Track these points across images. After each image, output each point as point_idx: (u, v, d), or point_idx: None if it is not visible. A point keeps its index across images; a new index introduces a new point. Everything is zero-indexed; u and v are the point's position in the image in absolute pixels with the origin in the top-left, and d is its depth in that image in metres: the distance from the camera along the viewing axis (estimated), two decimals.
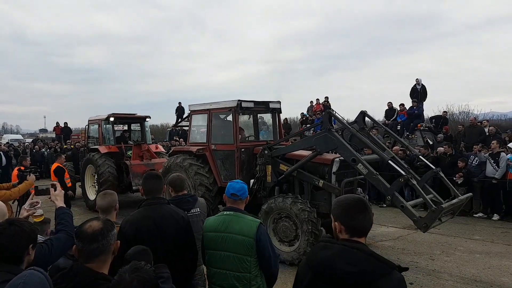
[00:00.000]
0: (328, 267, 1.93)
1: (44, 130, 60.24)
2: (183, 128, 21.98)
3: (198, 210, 3.82)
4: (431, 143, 13.87)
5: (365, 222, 2.03)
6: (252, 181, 8.04)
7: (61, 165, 9.79)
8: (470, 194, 6.76)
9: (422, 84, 16.70)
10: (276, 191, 7.79)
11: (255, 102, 8.57)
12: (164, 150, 13.10)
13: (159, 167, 11.51)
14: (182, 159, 8.70)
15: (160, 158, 12.15)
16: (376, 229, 9.19)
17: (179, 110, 23.20)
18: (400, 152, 11.32)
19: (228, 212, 3.13)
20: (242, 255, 2.98)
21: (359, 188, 7.64)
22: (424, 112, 17.11)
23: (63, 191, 3.21)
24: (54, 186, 3.30)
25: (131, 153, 11.89)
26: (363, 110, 7.41)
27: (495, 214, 10.42)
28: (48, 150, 21.75)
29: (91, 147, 12.13)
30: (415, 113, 16.00)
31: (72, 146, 20.07)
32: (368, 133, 7.33)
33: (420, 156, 6.94)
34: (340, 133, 6.97)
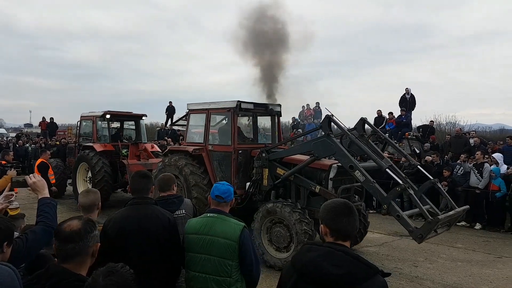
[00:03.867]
0: (313, 268, 1.95)
1: (29, 125, 58.63)
2: (173, 127, 22.02)
3: (184, 211, 3.75)
4: (418, 151, 14.07)
5: (349, 226, 2.06)
6: (248, 183, 8.01)
7: (45, 161, 9.70)
8: (467, 206, 6.78)
9: (411, 93, 17.06)
10: (272, 195, 7.78)
11: (255, 104, 8.56)
12: (159, 150, 13.00)
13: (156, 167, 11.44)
14: (177, 159, 8.64)
15: (157, 158, 12.06)
16: None
17: (170, 110, 23.07)
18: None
19: (211, 214, 3.07)
20: (224, 258, 2.92)
21: (356, 196, 7.64)
22: (412, 121, 17.48)
23: (43, 180, 2.95)
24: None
25: (126, 152, 11.77)
26: (363, 117, 7.44)
27: (477, 223, 10.65)
28: (32, 145, 21.37)
29: (85, 144, 11.98)
30: (403, 121, 16.33)
31: (57, 143, 19.65)
32: (367, 140, 7.35)
33: (419, 166, 6.97)
34: (339, 139, 6.97)
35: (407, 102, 16.87)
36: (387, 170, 6.29)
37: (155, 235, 3.00)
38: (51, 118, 25.34)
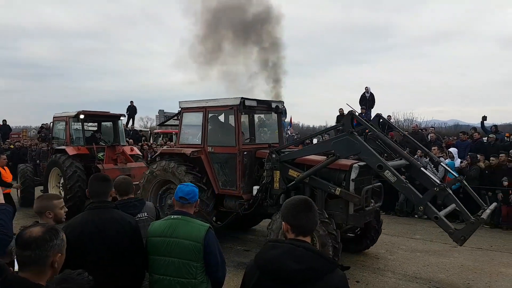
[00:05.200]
0: (275, 265, 1.98)
1: None
2: (135, 128, 21.02)
3: (146, 214, 3.66)
4: None
5: (309, 221, 2.09)
6: (255, 187, 7.32)
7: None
8: (495, 204, 6.45)
9: (370, 92, 17.48)
10: (281, 199, 7.15)
11: (258, 101, 7.87)
12: (140, 153, 11.96)
13: (136, 172, 10.45)
14: (171, 164, 7.79)
15: (137, 162, 11.04)
16: None
17: (131, 110, 22.12)
18: None
19: (175, 216, 3.00)
20: (188, 260, 2.86)
21: (375, 197, 7.15)
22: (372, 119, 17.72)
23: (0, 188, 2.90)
24: None
25: (102, 155, 10.68)
26: (379, 113, 6.96)
27: None
28: None
29: (57, 148, 10.75)
30: (364, 119, 16.38)
31: (11, 146, 18.63)
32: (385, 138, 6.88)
33: (442, 164, 6.57)
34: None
35: (367, 100, 17.30)
36: (422, 169, 5.83)
37: (116, 239, 2.92)
38: (4, 121, 23.59)
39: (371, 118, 16.74)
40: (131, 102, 22.18)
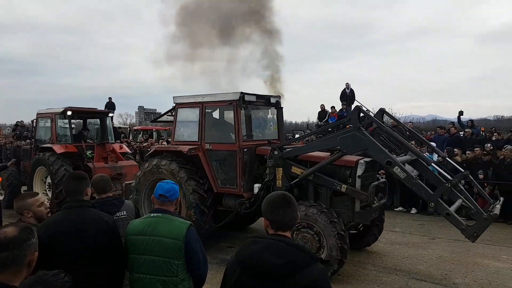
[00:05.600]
0: (256, 260, 1.99)
1: None
2: (114, 126, 20.46)
3: (125, 213, 3.60)
4: None
5: (287, 216, 2.09)
6: (256, 185, 7.08)
7: None
8: (502, 198, 6.37)
9: (351, 88, 17.66)
10: None
11: (257, 96, 7.61)
12: (129, 151, 11.54)
13: (128, 171, 10.09)
14: (166, 162, 7.47)
15: (127, 160, 10.65)
16: None
17: (109, 106, 21.47)
18: None
19: (155, 214, 2.97)
20: (169, 258, 2.83)
21: (379, 194, 6.99)
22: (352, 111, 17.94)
23: None
24: None
25: (91, 154, 10.25)
26: (382, 107, 6.79)
27: (413, 208, 11.22)
28: None
29: (43, 146, 10.25)
30: (344, 115, 16.74)
31: None
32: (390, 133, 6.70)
33: (447, 158, 6.45)
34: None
35: (347, 96, 17.44)
36: (433, 164, 5.69)
37: (93, 238, 2.86)
38: None
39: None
40: (110, 98, 21.58)
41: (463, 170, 6.20)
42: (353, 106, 17.31)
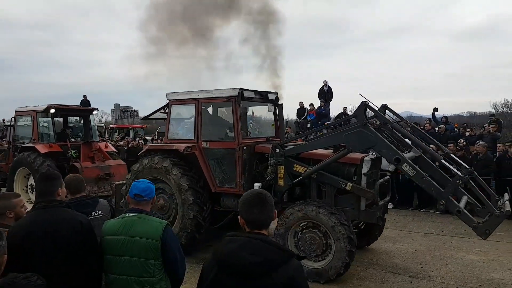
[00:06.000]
0: (233, 259, 1.97)
1: None
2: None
3: (100, 212, 3.58)
4: None
5: (261, 215, 2.09)
6: (257, 184, 6.86)
7: None
8: (508, 193, 6.35)
9: (328, 85, 17.92)
10: (284, 196, 6.75)
11: (255, 92, 7.38)
12: (115, 150, 11.10)
13: (115, 171, 9.70)
14: (159, 160, 7.17)
15: (115, 159, 10.22)
16: None
17: (84, 104, 20.95)
18: None
19: (131, 214, 2.93)
20: (146, 259, 2.81)
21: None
22: (330, 112, 18.57)
23: None
24: None
25: (74, 153, 9.78)
26: (384, 103, 6.65)
27: (389, 203, 10.89)
28: None
29: (24, 145, 9.70)
30: (323, 112, 17.14)
31: None
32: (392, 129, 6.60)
33: (452, 155, 6.39)
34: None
35: (325, 94, 17.72)
36: (443, 161, 5.60)
37: (66, 239, 2.79)
38: None
39: (329, 111, 17.63)
40: (84, 96, 21.20)
41: (468, 166, 6.13)
42: (330, 103, 18.02)
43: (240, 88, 6.92)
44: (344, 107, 19.02)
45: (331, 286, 5.86)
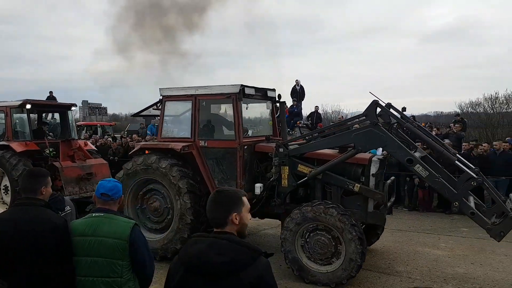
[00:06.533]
0: (199, 259, 1.95)
1: None
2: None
3: (69, 208, 3.62)
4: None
5: (216, 213, 2.08)
6: (258, 185, 6.58)
7: None
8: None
9: (301, 85, 17.96)
10: (287, 198, 6.52)
11: (255, 89, 7.09)
12: (94, 148, 10.47)
13: (97, 170, 9.15)
14: (156, 160, 6.75)
15: (95, 158, 9.64)
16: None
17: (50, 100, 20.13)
18: None
19: (97, 214, 2.87)
20: (113, 259, 2.75)
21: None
22: (303, 111, 18.56)
23: None
24: None
25: (52, 151, 9.14)
26: (389, 102, 6.50)
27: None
28: None
29: None
30: (295, 111, 17.09)
31: None
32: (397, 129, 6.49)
33: (457, 155, 6.34)
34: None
35: (297, 93, 17.75)
36: (457, 162, 5.52)
37: (39, 238, 2.71)
38: None
39: (301, 110, 17.74)
40: (50, 92, 20.19)
41: (473, 167, 6.11)
42: (303, 102, 18.10)
43: (241, 85, 6.61)
44: (316, 106, 19.31)
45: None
